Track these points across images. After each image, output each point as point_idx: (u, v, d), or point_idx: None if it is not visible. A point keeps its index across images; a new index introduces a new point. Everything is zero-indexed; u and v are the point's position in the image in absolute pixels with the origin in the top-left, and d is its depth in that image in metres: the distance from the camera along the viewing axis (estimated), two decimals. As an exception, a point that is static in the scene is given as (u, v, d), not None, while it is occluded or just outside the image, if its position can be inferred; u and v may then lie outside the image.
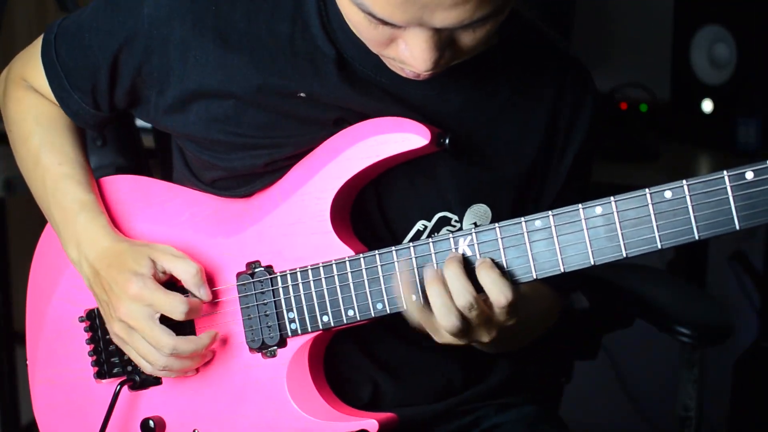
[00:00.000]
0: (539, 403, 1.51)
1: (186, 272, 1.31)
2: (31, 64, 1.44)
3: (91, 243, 1.35)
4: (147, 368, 1.34)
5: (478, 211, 1.34)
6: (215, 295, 1.34)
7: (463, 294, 1.18)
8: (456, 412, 1.43)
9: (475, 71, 1.31)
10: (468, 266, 1.20)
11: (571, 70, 1.37)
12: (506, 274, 1.19)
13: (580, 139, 1.37)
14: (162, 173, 1.81)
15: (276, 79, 1.29)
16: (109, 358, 1.41)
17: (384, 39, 1.15)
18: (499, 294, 1.18)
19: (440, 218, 1.34)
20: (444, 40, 1.14)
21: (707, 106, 2.61)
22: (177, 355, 1.31)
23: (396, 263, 1.24)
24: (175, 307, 1.29)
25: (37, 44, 1.43)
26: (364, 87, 1.28)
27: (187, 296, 1.31)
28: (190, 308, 1.29)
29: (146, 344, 1.31)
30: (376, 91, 1.28)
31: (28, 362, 1.48)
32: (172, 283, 1.33)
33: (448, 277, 1.19)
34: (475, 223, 1.33)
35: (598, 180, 1.50)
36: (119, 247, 1.34)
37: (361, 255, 1.26)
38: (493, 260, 1.20)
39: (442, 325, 1.19)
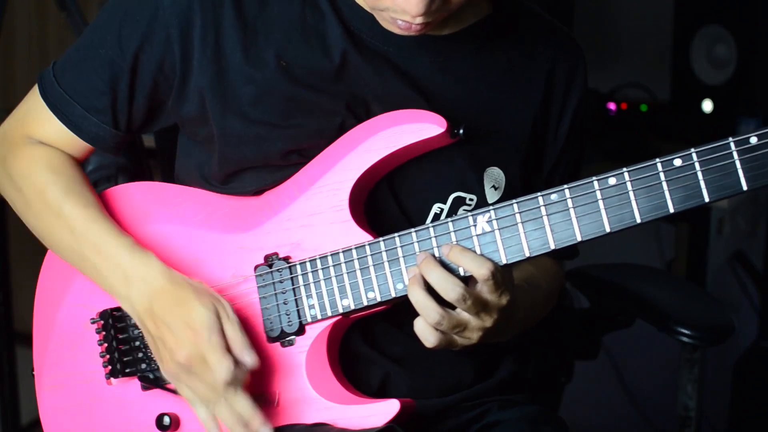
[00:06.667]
0: (540, 403, 1.51)
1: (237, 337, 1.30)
2: (29, 118, 1.43)
3: (143, 280, 1.33)
4: (202, 414, 1.32)
5: (492, 174, 1.38)
6: (231, 288, 1.35)
7: (452, 289, 1.23)
8: (462, 406, 1.44)
9: (473, 41, 1.38)
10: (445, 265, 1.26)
11: (563, 39, 1.46)
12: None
13: (575, 103, 1.44)
14: (162, 173, 1.81)
15: (291, 58, 1.33)
16: (122, 357, 1.40)
17: None
18: (480, 268, 1.23)
19: (455, 198, 1.37)
20: None
21: (707, 106, 2.61)
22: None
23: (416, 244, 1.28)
24: (221, 373, 1.27)
25: (28, 101, 1.44)
26: (373, 59, 1.34)
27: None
28: (233, 378, 1.28)
29: (204, 386, 1.30)
30: (384, 63, 1.34)
31: (34, 371, 1.46)
32: None
33: (432, 282, 1.24)
34: (493, 186, 1.38)
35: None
36: (182, 292, 1.31)
37: (381, 238, 1.29)
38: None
39: (429, 321, 1.24)
